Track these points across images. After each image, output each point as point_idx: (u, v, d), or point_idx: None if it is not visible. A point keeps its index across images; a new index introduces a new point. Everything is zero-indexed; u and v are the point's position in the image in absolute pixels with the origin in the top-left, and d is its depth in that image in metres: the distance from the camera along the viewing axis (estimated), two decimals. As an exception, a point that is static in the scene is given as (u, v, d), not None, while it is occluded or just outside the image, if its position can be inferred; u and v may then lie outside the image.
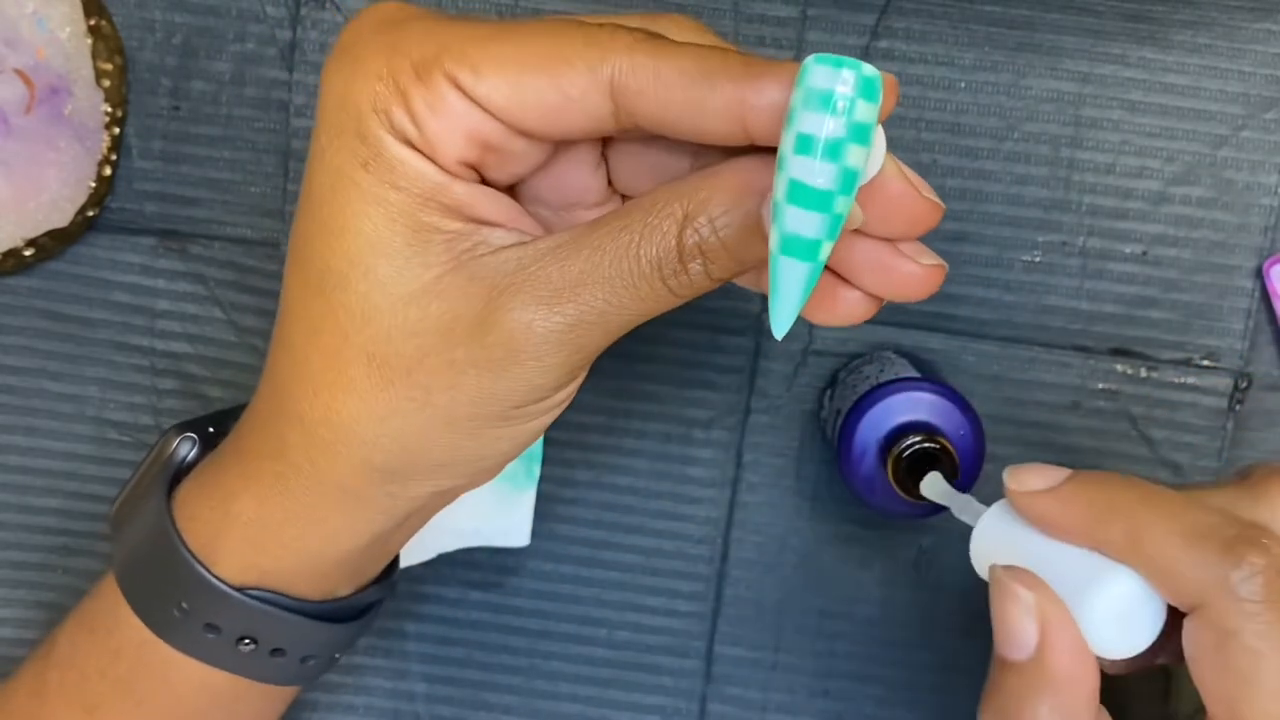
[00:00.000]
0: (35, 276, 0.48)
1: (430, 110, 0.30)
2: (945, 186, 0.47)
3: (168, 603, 0.37)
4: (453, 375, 0.32)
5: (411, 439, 0.33)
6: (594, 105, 0.30)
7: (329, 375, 0.33)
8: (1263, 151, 0.46)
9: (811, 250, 0.28)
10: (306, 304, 0.33)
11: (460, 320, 0.31)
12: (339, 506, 0.35)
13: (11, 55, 0.45)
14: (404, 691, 0.51)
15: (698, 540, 0.50)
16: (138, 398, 0.49)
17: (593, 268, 0.31)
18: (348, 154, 0.31)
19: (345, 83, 0.31)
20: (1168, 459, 0.48)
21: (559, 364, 0.32)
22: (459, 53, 0.30)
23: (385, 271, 0.32)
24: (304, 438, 0.34)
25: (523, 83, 0.30)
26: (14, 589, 0.50)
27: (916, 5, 0.46)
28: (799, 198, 0.28)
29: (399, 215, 0.31)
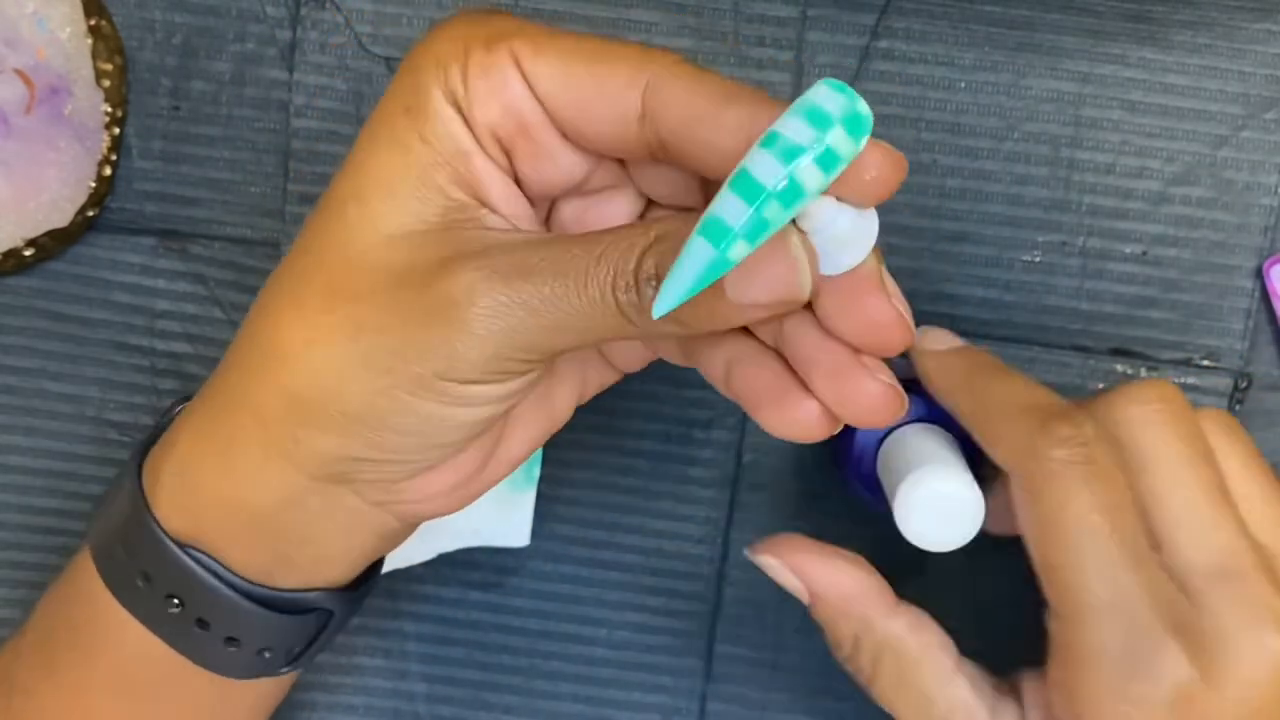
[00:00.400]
0: (35, 276, 0.48)
1: (483, 72, 0.32)
2: (945, 186, 0.47)
3: (113, 539, 0.38)
4: (385, 317, 0.32)
5: (329, 375, 0.33)
6: (626, 103, 0.32)
7: (286, 295, 0.34)
8: (1263, 151, 0.47)
9: (723, 235, 0.28)
10: (306, 227, 0.35)
11: (416, 271, 0.32)
12: (250, 439, 0.35)
13: (11, 55, 0.45)
14: (404, 691, 0.51)
15: (698, 540, 0.50)
16: (138, 398, 0.49)
17: (550, 261, 0.31)
18: (397, 99, 0.33)
19: (422, 48, 0.33)
20: (1168, 459, 0.48)
21: (487, 341, 0.32)
22: (527, 33, 0.33)
23: (379, 209, 0.33)
24: (242, 353, 0.35)
25: (571, 69, 0.32)
26: (14, 589, 0.50)
27: (916, 5, 0.46)
28: (738, 185, 0.28)
29: (414, 165, 0.33)
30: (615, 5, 0.46)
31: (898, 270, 0.47)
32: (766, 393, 0.34)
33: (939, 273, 0.47)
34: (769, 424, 0.34)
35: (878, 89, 0.46)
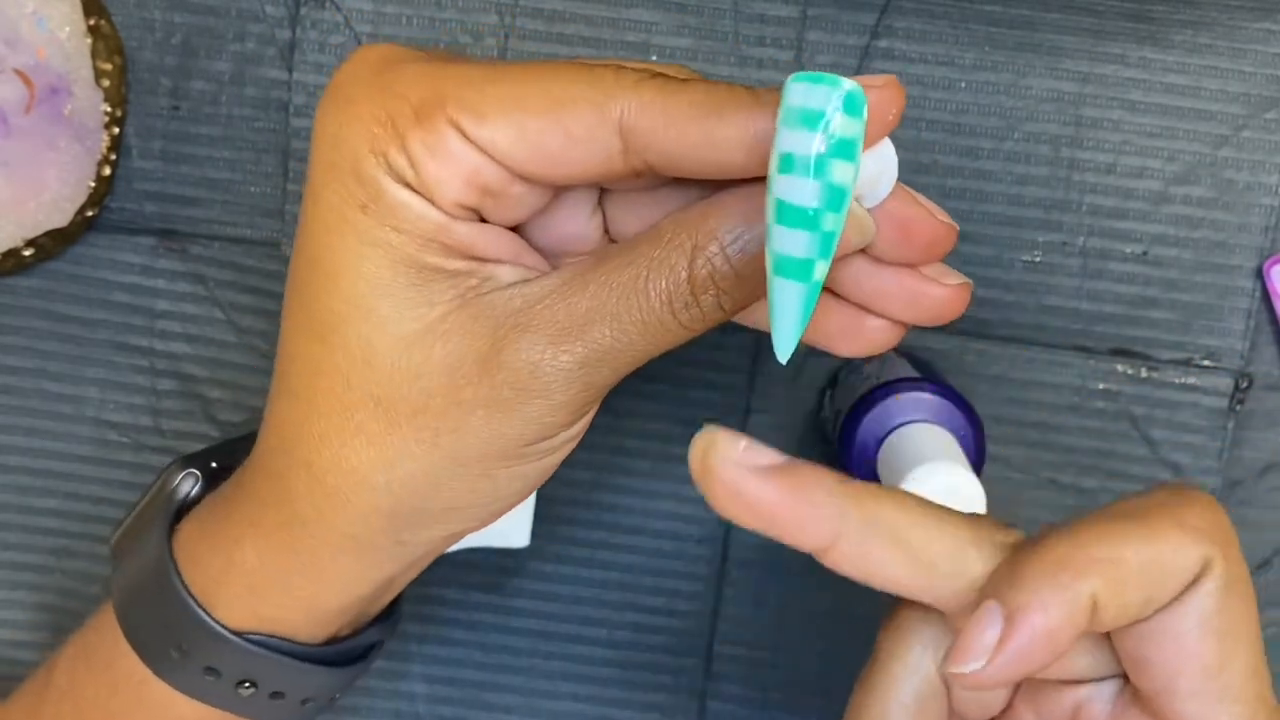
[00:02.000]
0: (35, 277, 0.48)
1: (429, 153, 0.30)
2: (945, 186, 0.47)
3: (166, 643, 0.37)
4: (460, 416, 0.31)
5: (421, 483, 0.32)
6: (601, 146, 0.30)
7: (334, 420, 0.32)
8: (1263, 151, 0.46)
9: (804, 270, 0.28)
10: (307, 348, 0.32)
11: (466, 360, 0.31)
12: (347, 556, 0.35)
13: (11, 55, 0.45)
14: (404, 692, 0.51)
15: (698, 540, 0.50)
16: (137, 398, 0.49)
17: (600, 304, 0.31)
18: (344, 195, 0.31)
19: (340, 124, 0.31)
20: (1168, 459, 0.48)
21: (568, 402, 0.32)
22: (459, 96, 0.30)
23: (386, 312, 0.31)
24: (310, 485, 0.33)
25: (526, 126, 0.30)
26: (13, 590, 0.50)
27: (916, 5, 0.46)
28: (786, 217, 0.27)
29: (400, 256, 0.31)
30: (615, 5, 0.46)
31: (898, 270, 0.48)
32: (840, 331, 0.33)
33: (939, 273, 0.47)
34: (846, 350, 0.33)
35: (878, 89, 0.46)
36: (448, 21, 0.46)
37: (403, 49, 0.32)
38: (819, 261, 0.28)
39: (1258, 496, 0.49)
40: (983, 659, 0.28)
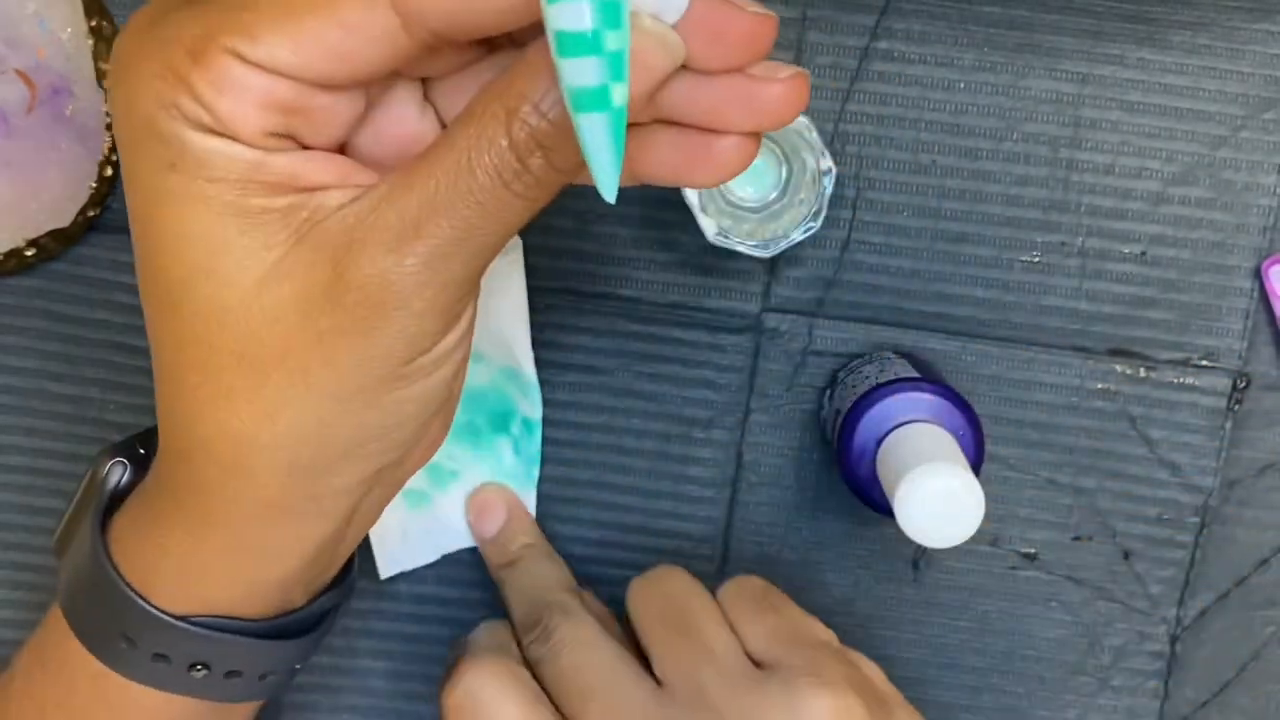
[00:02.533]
0: (36, 277, 0.48)
1: (216, 89, 0.29)
2: (945, 186, 0.47)
3: (113, 635, 0.36)
4: (324, 349, 0.31)
5: (309, 428, 0.32)
6: (381, 28, 0.29)
7: (206, 389, 0.32)
8: (1261, 152, 0.47)
9: (602, 98, 0.26)
10: (164, 323, 0.32)
11: (314, 292, 0.30)
12: (267, 524, 0.34)
13: (13, 56, 0.45)
14: (404, 692, 0.51)
15: (698, 540, 0.50)
16: (138, 399, 0.49)
17: (429, 197, 0.30)
18: (152, 160, 0.30)
19: (127, 91, 0.30)
20: (1166, 459, 0.49)
21: (429, 307, 0.31)
22: (228, 23, 0.29)
23: (226, 267, 0.30)
24: (207, 460, 0.33)
25: (301, 31, 0.29)
26: (14, 590, 0.50)
27: (916, 6, 0.46)
28: (566, 47, 0.26)
29: (222, 206, 0.30)
30: (615, 6, 0.46)
31: (897, 270, 0.48)
32: (690, 159, 0.31)
33: (939, 273, 0.48)
34: (705, 179, 0.31)
35: (878, 89, 0.47)
36: (448, 22, 0.46)
37: (168, 1, 0.30)
38: (614, 85, 0.26)
39: (1256, 496, 0.49)
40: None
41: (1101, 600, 0.50)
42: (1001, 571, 0.50)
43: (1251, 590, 0.49)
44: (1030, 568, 0.50)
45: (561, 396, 0.49)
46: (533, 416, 0.48)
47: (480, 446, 0.48)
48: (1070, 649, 0.50)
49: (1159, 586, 0.50)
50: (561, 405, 0.49)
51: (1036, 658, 0.50)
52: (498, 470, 0.48)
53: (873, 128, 0.47)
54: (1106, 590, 0.50)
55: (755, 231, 0.45)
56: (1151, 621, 0.50)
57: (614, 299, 0.48)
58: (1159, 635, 0.50)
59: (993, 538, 0.50)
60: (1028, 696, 0.51)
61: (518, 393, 0.48)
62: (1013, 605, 0.50)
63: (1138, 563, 0.49)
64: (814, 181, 0.44)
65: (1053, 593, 0.50)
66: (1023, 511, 0.49)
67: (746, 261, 0.48)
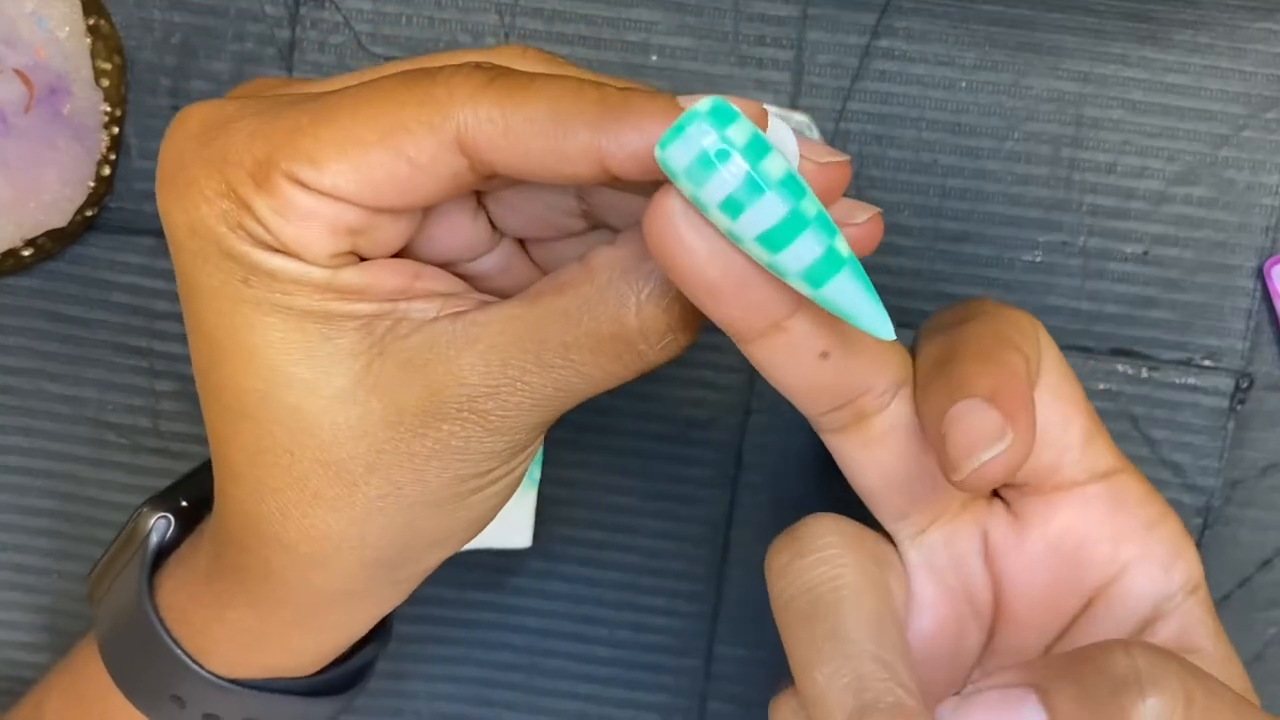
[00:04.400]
0: (34, 277, 0.48)
1: (280, 216, 0.28)
2: (945, 186, 0.47)
3: (161, 694, 0.36)
4: (416, 466, 0.30)
5: (398, 531, 0.32)
6: (446, 166, 0.28)
7: (289, 494, 0.31)
8: (1264, 151, 0.46)
9: (832, 261, 0.27)
10: (237, 431, 0.31)
11: (405, 413, 0.30)
12: (343, 606, 0.34)
13: (10, 55, 0.45)
14: (404, 691, 0.51)
15: (698, 540, 0.50)
16: (136, 399, 0.49)
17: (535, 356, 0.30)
18: (223, 276, 0.29)
19: (187, 210, 0.29)
20: (1168, 459, 0.48)
21: (522, 435, 0.31)
22: (291, 148, 0.28)
23: (307, 375, 0.30)
24: (289, 558, 0.32)
25: (366, 163, 0.28)
26: (12, 591, 0.50)
27: (916, 5, 0.46)
28: (774, 242, 0.26)
29: (302, 314, 0.29)
30: (615, 4, 0.46)
31: (898, 270, 0.48)
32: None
33: (939, 273, 0.47)
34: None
35: (878, 89, 0.46)
36: (448, 21, 0.46)
37: (224, 105, 0.30)
38: (833, 240, 0.27)
39: (1258, 496, 0.49)
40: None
41: (1103, 601, 0.50)
42: (1003, 572, 0.50)
43: (1254, 591, 0.49)
44: (1031, 568, 0.50)
45: (561, 397, 0.49)
46: (532, 416, 0.48)
47: (479, 447, 0.48)
48: (1072, 650, 0.50)
49: (1161, 587, 0.49)
50: (561, 405, 0.49)
51: (1038, 658, 0.50)
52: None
53: (874, 126, 0.47)
54: (1108, 591, 0.50)
55: (755, 231, 0.45)
56: (1153, 622, 0.50)
57: (614, 299, 0.48)
58: (1161, 636, 0.50)
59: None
60: (1029, 697, 0.51)
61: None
62: (1014, 606, 0.50)
63: (1139, 563, 0.49)
64: (814, 181, 0.44)
65: (1054, 593, 0.50)
66: (1024, 512, 0.49)
67: (747, 261, 0.48)
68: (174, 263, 0.31)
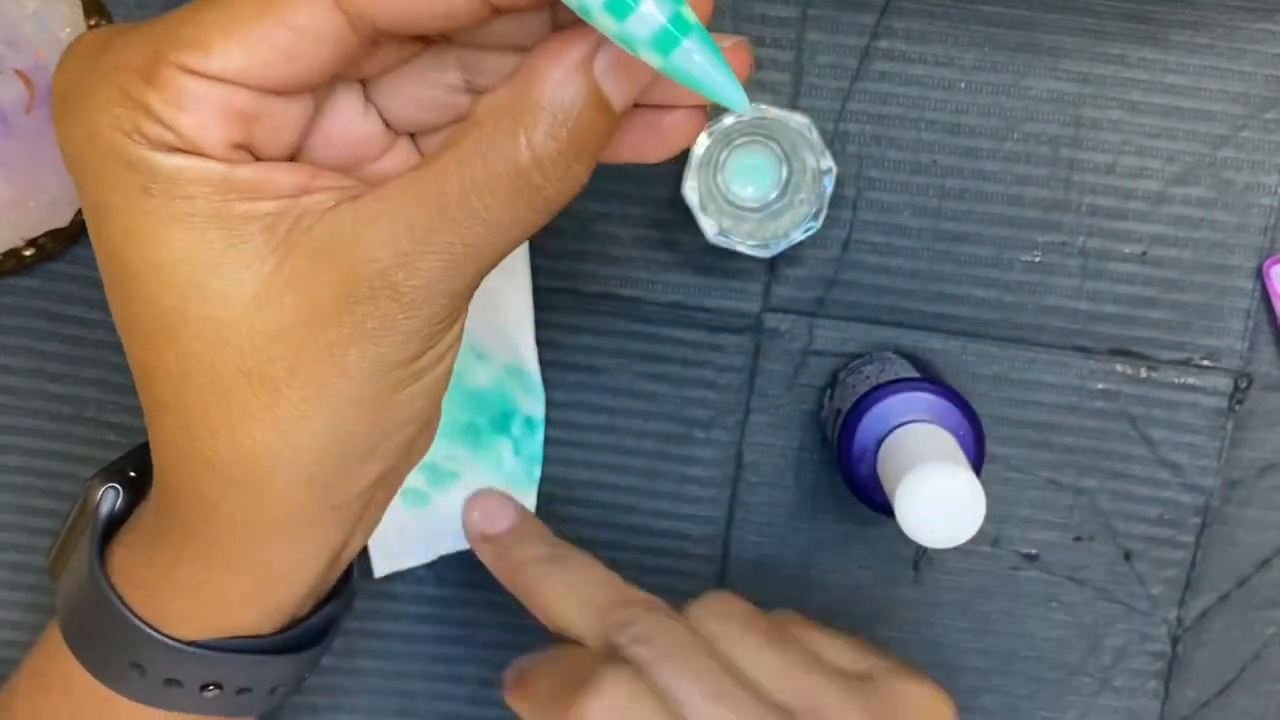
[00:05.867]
0: (35, 277, 0.48)
1: (176, 107, 0.28)
2: (945, 186, 0.47)
3: (122, 664, 0.36)
4: (336, 358, 0.30)
5: (328, 438, 0.31)
6: (327, 27, 0.29)
7: (216, 414, 0.31)
8: (1263, 152, 0.47)
9: (679, 26, 0.26)
10: (157, 354, 0.31)
11: (320, 303, 0.30)
12: (287, 541, 0.34)
13: (12, 55, 0.45)
14: (405, 690, 0.51)
15: (698, 540, 0.50)
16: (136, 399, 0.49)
17: (440, 211, 0.29)
18: (122, 189, 0.29)
19: (82, 124, 0.29)
20: (1167, 459, 0.48)
21: (439, 310, 0.30)
22: (176, 39, 0.28)
23: (218, 284, 0.29)
24: (224, 487, 0.32)
25: (250, 38, 0.28)
26: (12, 591, 0.50)
27: (916, 5, 0.46)
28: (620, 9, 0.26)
29: (204, 221, 0.29)
30: (615, 5, 0.46)
31: (897, 270, 0.48)
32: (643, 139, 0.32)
33: (939, 273, 0.47)
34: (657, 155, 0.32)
35: (878, 89, 0.46)
36: (448, 22, 0.46)
37: (111, 27, 0.30)
38: (679, 7, 0.27)
39: (1257, 496, 0.49)
40: None
41: (1102, 601, 0.50)
42: (1002, 572, 0.50)
43: (1253, 590, 0.49)
44: (1031, 568, 0.50)
45: (562, 396, 0.49)
46: (535, 415, 0.48)
47: (480, 447, 0.48)
48: (1071, 649, 0.50)
49: (1160, 587, 0.49)
50: (562, 405, 0.49)
51: (1037, 658, 0.50)
52: (498, 471, 0.48)
53: (873, 127, 0.47)
54: (1107, 591, 0.50)
55: (755, 231, 0.45)
56: (1152, 622, 0.50)
57: (614, 299, 0.48)
58: (1160, 636, 0.50)
59: (993, 538, 0.49)
60: (1029, 697, 0.51)
61: (521, 391, 0.48)
62: (1013, 606, 0.50)
63: (1139, 563, 0.49)
64: (814, 181, 0.44)
65: (1054, 593, 0.50)
66: (1023, 512, 0.49)
67: (746, 261, 0.48)
68: (78, 192, 0.30)
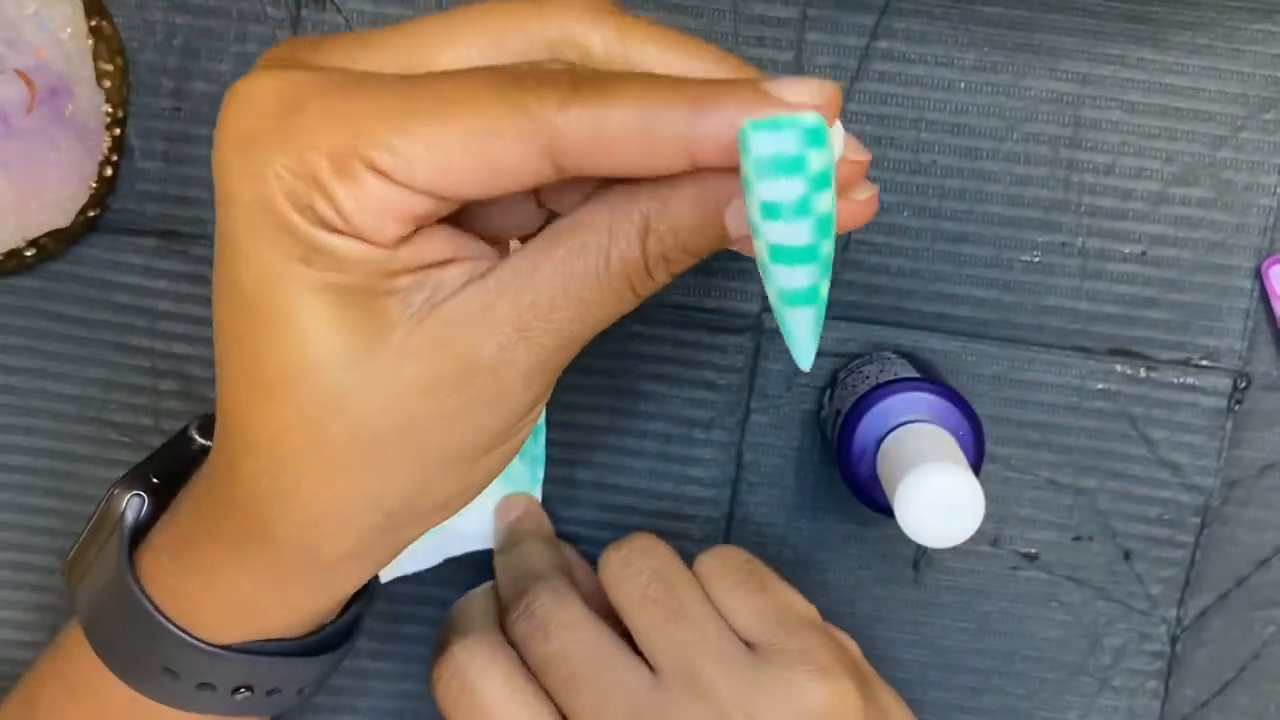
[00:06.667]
0: (36, 277, 0.48)
1: (355, 202, 0.29)
2: (945, 186, 0.47)
3: (154, 668, 0.36)
4: (447, 425, 0.31)
5: (414, 492, 0.32)
6: (532, 171, 0.29)
7: (311, 465, 0.32)
8: (1262, 152, 0.47)
9: (811, 295, 0.29)
10: (264, 408, 0.31)
11: (441, 373, 0.31)
12: (344, 567, 0.35)
13: (12, 56, 0.45)
14: (405, 692, 0.51)
15: (698, 540, 0.50)
16: (139, 399, 0.49)
17: (561, 292, 0.30)
18: (280, 252, 0.29)
19: (255, 187, 0.29)
20: (1167, 459, 0.49)
21: (544, 383, 0.32)
22: (374, 138, 0.28)
23: (349, 351, 0.30)
24: (298, 526, 0.33)
25: (451, 162, 0.28)
26: (15, 590, 0.50)
27: (916, 5, 0.46)
28: (783, 257, 0.28)
29: (350, 296, 0.30)
30: (615, 6, 0.46)
31: (897, 270, 0.48)
32: None
33: (939, 273, 0.48)
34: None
35: (878, 89, 0.47)
36: (448, 22, 0.46)
37: (293, 77, 0.30)
38: (823, 281, 0.29)
39: (1256, 496, 0.49)
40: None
41: (1102, 600, 0.50)
42: (1002, 572, 0.50)
43: (1252, 590, 0.49)
44: (1031, 568, 0.50)
45: (562, 397, 0.49)
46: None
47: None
48: (1071, 649, 0.50)
49: (1159, 587, 0.50)
50: (562, 406, 0.49)
51: (1037, 658, 0.50)
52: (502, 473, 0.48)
53: (873, 127, 0.47)
54: (1107, 590, 0.50)
55: (755, 231, 0.45)
56: (1152, 622, 0.50)
57: (614, 299, 0.48)
58: (1159, 635, 0.50)
59: (993, 538, 0.50)
60: (1028, 697, 0.51)
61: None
62: (1013, 605, 0.50)
63: (1138, 563, 0.49)
64: (814, 181, 0.44)
65: (1053, 593, 0.50)
66: (1023, 512, 0.49)
67: (746, 261, 0.48)
68: (221, 227, 0.31)
